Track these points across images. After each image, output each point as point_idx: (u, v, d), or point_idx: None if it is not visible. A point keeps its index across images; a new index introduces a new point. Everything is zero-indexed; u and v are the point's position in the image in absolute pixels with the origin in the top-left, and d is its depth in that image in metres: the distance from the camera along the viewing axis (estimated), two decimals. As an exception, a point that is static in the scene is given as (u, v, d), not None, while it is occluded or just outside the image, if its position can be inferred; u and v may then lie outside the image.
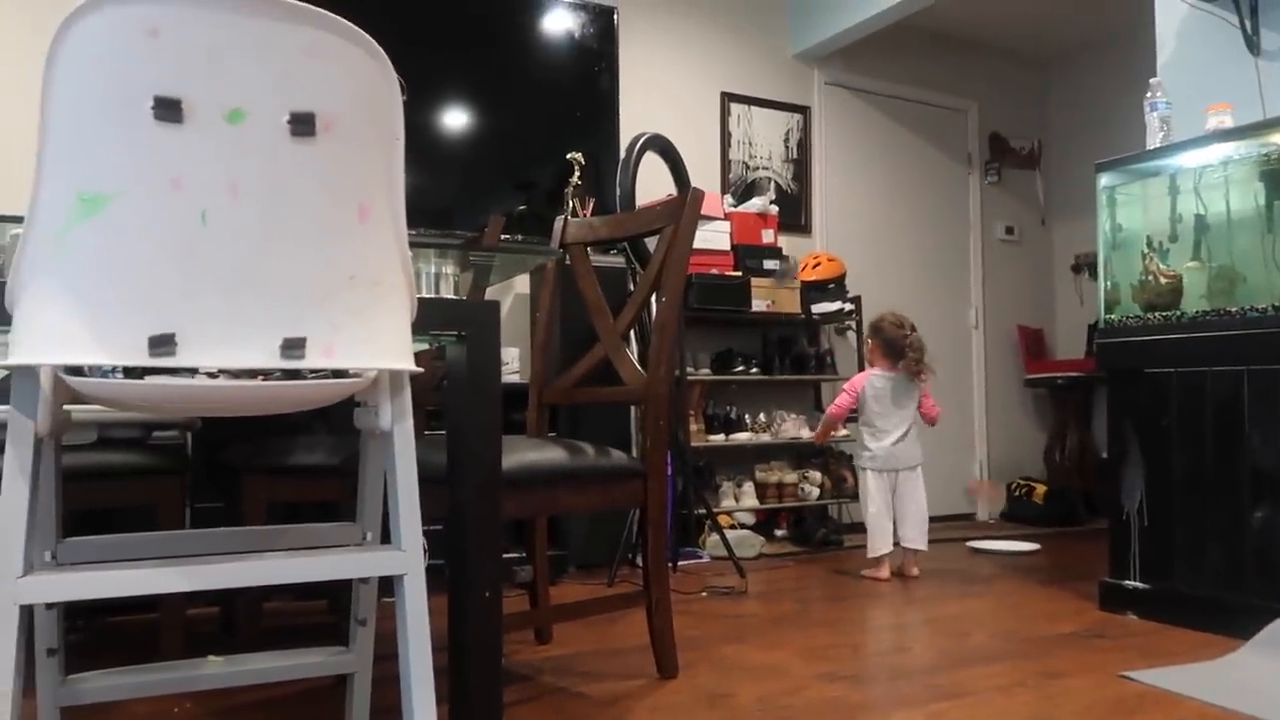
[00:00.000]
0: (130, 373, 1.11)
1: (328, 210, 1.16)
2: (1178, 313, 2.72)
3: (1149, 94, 2.89)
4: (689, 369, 4.04)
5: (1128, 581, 2.77)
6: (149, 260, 1.07)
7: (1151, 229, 2.83)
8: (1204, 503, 2.60)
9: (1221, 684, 2.05)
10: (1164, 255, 2.79)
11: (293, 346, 1.13)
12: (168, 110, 1.05)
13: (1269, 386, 2.46)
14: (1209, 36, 3.08)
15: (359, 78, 1.16)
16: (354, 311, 1.19)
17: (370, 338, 1.20)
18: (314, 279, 1.15)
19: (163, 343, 1.07)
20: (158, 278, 1.07)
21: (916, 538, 3.49)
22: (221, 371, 1.24)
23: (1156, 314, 2.78)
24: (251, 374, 1.20)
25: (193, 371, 1.15)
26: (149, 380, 1.10)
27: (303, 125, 1.12)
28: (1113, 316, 2.90)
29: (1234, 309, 2.58)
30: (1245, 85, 2.93)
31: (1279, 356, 2.44)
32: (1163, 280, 2.78)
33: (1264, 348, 2.47)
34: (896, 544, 3.50)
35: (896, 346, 3.57)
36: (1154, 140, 2.85)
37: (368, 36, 1.16)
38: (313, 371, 1.19)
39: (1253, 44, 2.96)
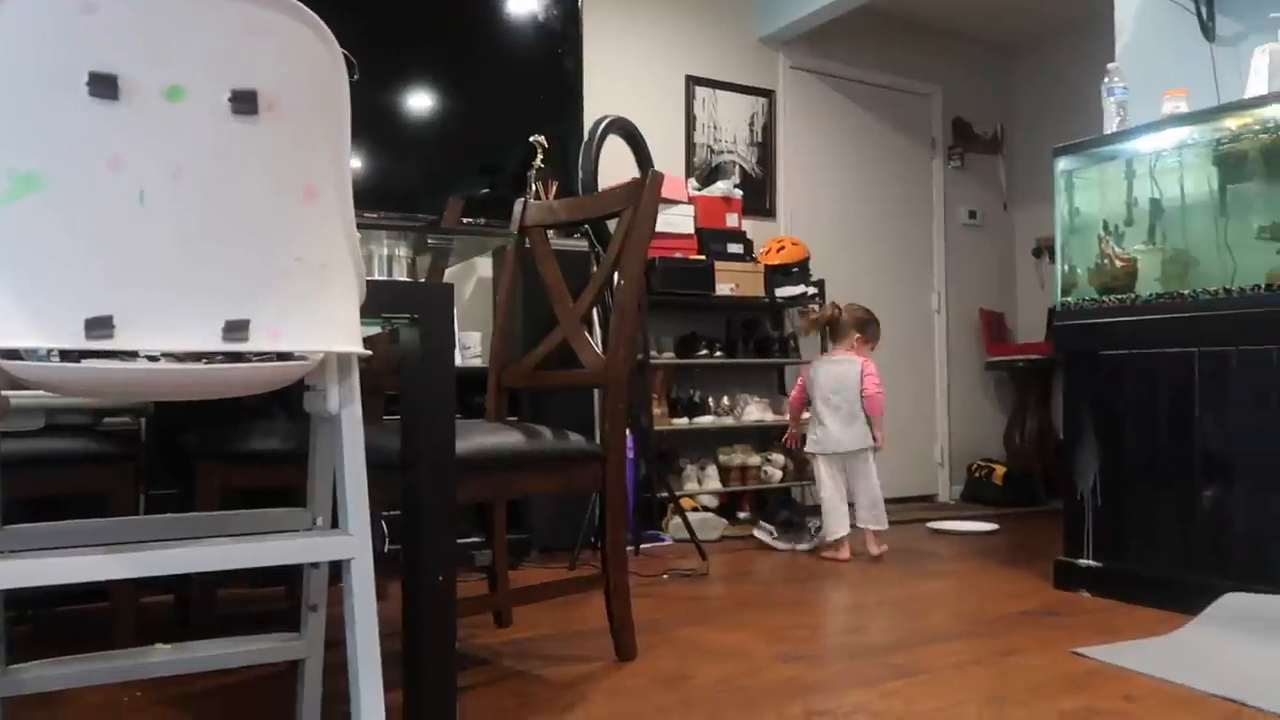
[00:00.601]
0: (68, 356, 1.09)
1: (272, 191, 1.14)
2: (1132, 295, 2.76)
3: (1106, 79, 2.91)
4: (653, 353, 4.04)
5: (1081, 560, 2.82)
6: (85, 241, 1.04)
7: (1108, 213, 2.87)
8: (1157, 483, 2.65)
9: (1170, 659, 2.09)
10: (1120, 239, 2.82)
11: (235, 329, 1.11)
12: (103, 87, 1.03)
13: (1219, 368, 2.50)
14: (1166, 23, 3.12)
15: (303, 56, 1.14)
16: (301, 294, 1.17)
17: (317, 320, 1.18)
18: (258, 261, 1.13)
19: (100, 325, 1.05)
20: (94, 259, 1.05)
21: (870, 519, 3.53)
22: (164, 355, 1.22)
23: (1112, 297, 2.81)
24: (196, 357, 1.18)
25: (133, 355, 1.13)
26: (86, 364, 1.08)
27: (244, 104, 1.09)
28: (1069, 299, 2.93)
29: (1186, 292, 2.62)
30: (1200, 71, 2.97)
31: (1229, 338, 2.48)
32: (1118, 263, 2.82)
33: (1214, 330, 2.52)
34: (855, 526, 3.53)
35: (834, 326, 3.67)
36: (1111, 125, 2.88)
37: (312, 14, 1.14)
38: (258, 354, 1.17)
39: (1208, 30, 2.99)
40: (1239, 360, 2.46)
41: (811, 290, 4.57)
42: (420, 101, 3.78)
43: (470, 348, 3.64)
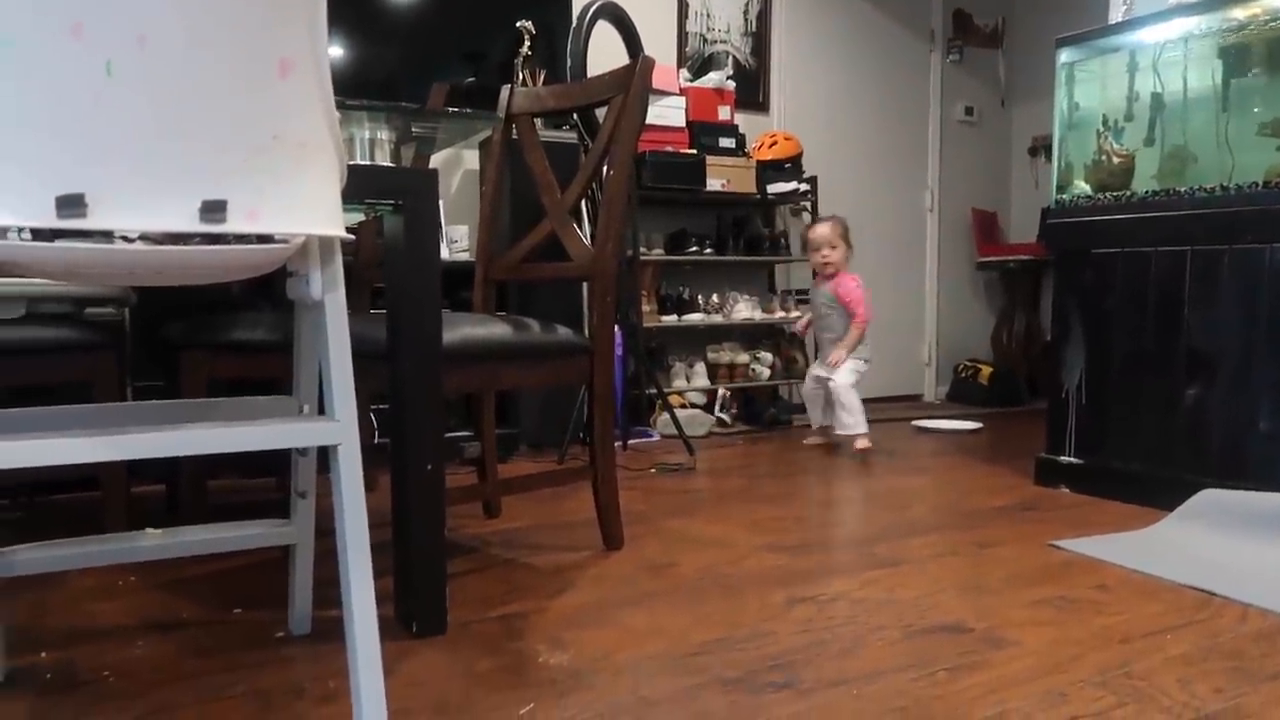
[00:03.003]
0: (40, 236, 1.06)
1: (245, 65, 1.09)
2: (1128, 193, 2.72)
3: (1114, -34, 2.81)
4: (642, 249, 4.00)
5: (1063, 457, 2.86)
6: (50, 115, 1.00)
7: (1108, 108, 2.81)
8: (1141, 381, 2.66)
9: (1143, 551, 2.14)
10: (1119, 135, 2.77)
11: (213, 209, 1.08)
12: (61, -53, 0.97)
13: (1210, 267, 2.49)
14: (1178, -93, 2.99)
15: (273, -83, 1.07)
16: (279, 174, 1.13)
17: (297, 202, 1.15)
18: (233, 138, 1.09)
19: (71, 204, 1.01)
20: (61, 134, 1.00)
21: (841, 428, 3.55)
22: (141, 237, 1.19)
23: (1107, 194, 2.78)
24: (173, 239, 1.15)
25: (109, 235, 1.09)
26: (59, 244, 1.05)
27: (213, -32, 1.03)
28: (1064, 197, 2.89)
29: (1182, 189, 2.59)
30: (1211, -41, 2.87)
31: (1222, 237, 2.46)
32: (1115, 160, 2.77)
33: (1208, 228, 2.49)
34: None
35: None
36: (1116, 15, 2.80)
37: None
38: (237, 236, 1.14)
39: (1221, -85, 2.87)
40: (1231, 259, 2.45)
41: (804, 187, 4.51)
42: (402, -17, 3.63)
43: (457, 241, 3.60)
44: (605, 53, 3.69)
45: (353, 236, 1.20)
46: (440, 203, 3.16)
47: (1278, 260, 2.30)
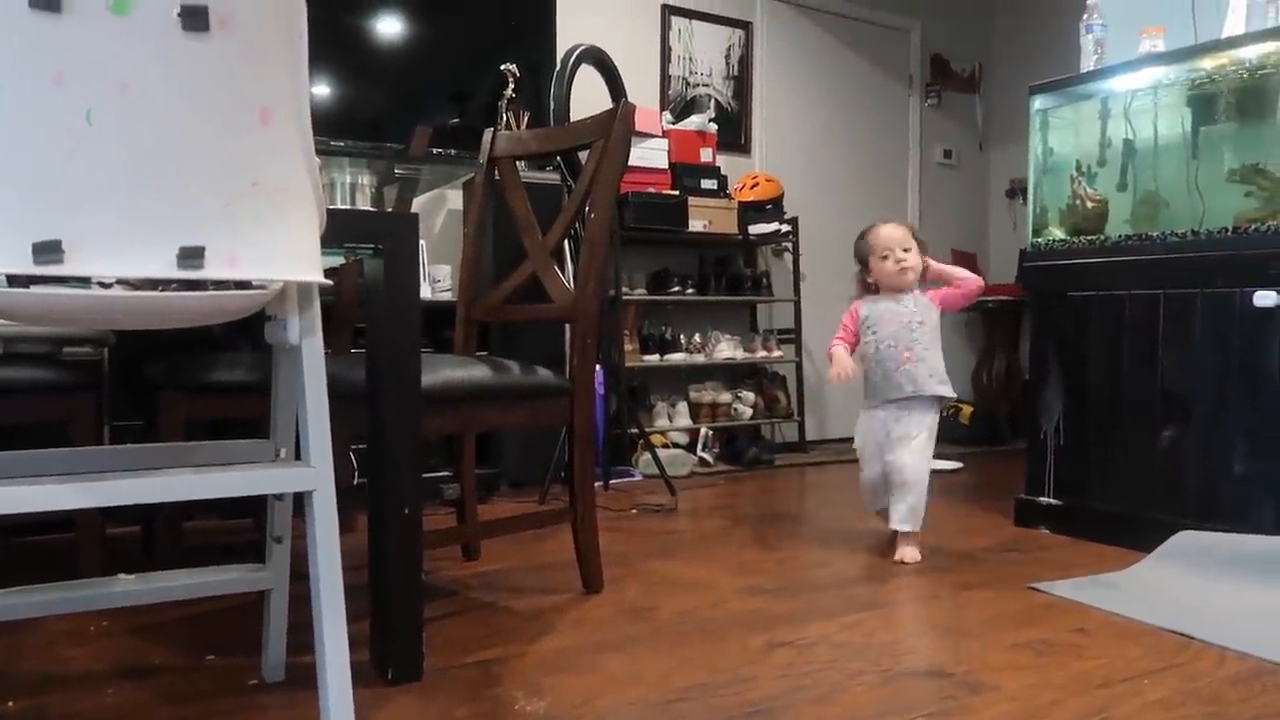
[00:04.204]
0: (15, 282, 1.06)
1: (226, 112, 1.10)
2: (1102, 237, 2.77)
3: (1085, 15, 2.88)
4: (624, 289, 4.02)
5: (1042, 498, 2.87)
6: (30, 161, 1.00)
7: (1081, 153, 2.86)
8: (1118, 423, 2.69)
9: (1123, 594, 2.15)
10: (1092, 179, 2.82)
11: (191, 256, 1.08)
12: (45, -2, 0.98)
13: (1183, 310, 2.53)
14: (1147, -41, 3.07)
15: (256, -30, 1.09)
16: (259, 220, 1.14)
17: (276, 248, 1.15)
18: (213, 185, 1.10)
19: (48, 250, 1.01)
20: (40, 180, 1.01)
21: (901, 521, 2.52)
22: (119, 282, 1.19)
23: (1082, 238, 2.82)
24: (151, 285, 1.15)
25: (85, 281, 1.10)
26: (35, 290, 1.05)
27: (195, 19, 1.05)
28: (1040, 240, 2.93)
29: (1155, 234, 2.63)
30: (1179, 9, 2.93)
31: (1193, 281, 2.50)
32: (1089, 204, 2.82)
33: (1180, 272, 2.53)
34: None
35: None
36: (1088, 63, 2.86)
37: (266, -75, 1.09)
38: (215, 283, 1.15)
39: (1189, -32, 2.95)
40: (1203, 303, 2.48)
41: (785, 228, 4.55)
42: (387, 25, 3.68)
43: (440, 281, 3.60)
44: (589, 95, 3.73)
45: (330, 283, 1.21)
46: (423, 243, 3.17)
47: (1248, 304, 2.34)
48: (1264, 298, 2.30)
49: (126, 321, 1.20)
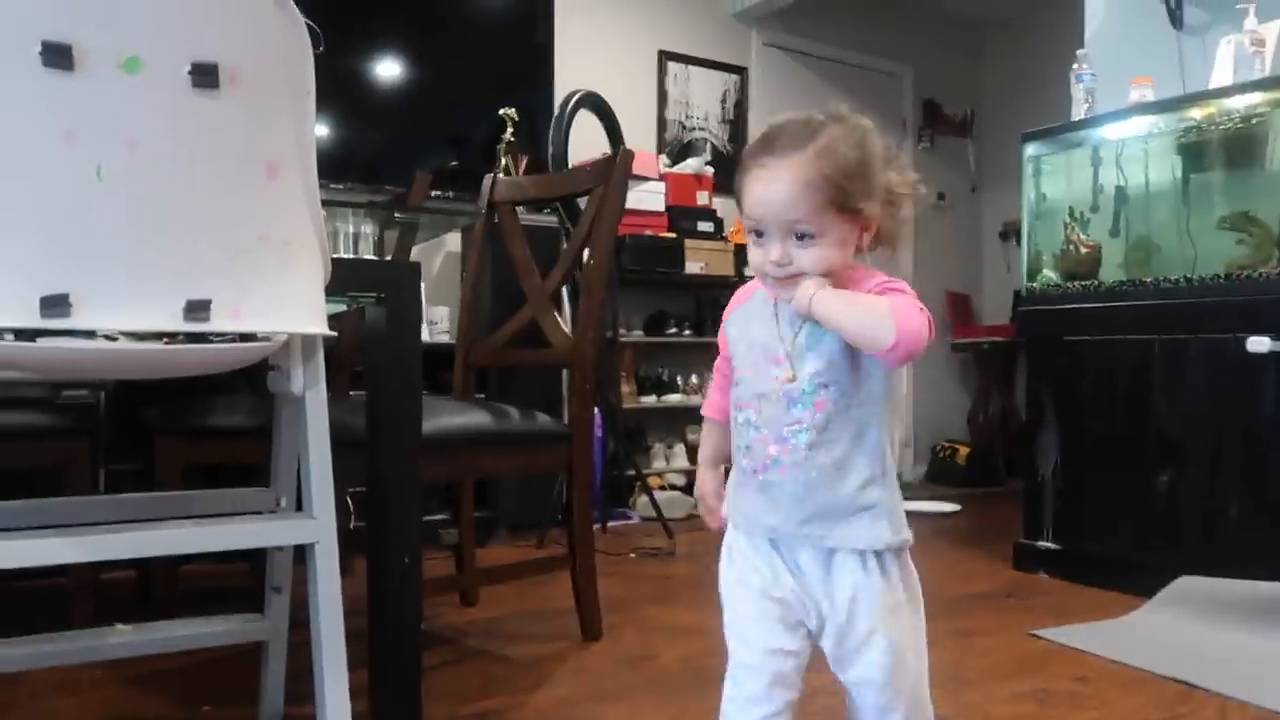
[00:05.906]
0: (22, 335, 1.06)
1: (234, 167, 1.12)
2: (1096, 282, 2.79)
3: (1075, 66, 2.93)
4: (621, 330, 4.03)
5: (1040, 542, 2.87)
6: (40, 217, 1.01)
7: (1074, 199, 2.89)
8: (1115, 467, 2.69)
9: (1124, 640, 2.14)
10: (1085, 225, 2.85)
11: (196, 309, 1.09)
12: (57, 57, 0.99)
13: (1177, 355, 2.54)
14: (1135, 10, 3.13)
15: (266, 28, 1.11)
16: (264, 273, 1.15)
17: (280, 300, 1.16)
18: (219, 239, 1.11)
19: (56, 304, 1.02)
20: (49, 235, 1.02)
21: None
22: (123, 334, 1.19)
23: (1076, 283, 2.84)
24: (156, 337, 1.15)
25: (91, 334, 1.10)
26: (42, 343, 1.05)
27: (205, 76, 1.06)
28: (1035, 284, 2.96)
29: (1148, 280, 2.65)
30: (1168, 60, 2.99)
31: (1187, 327, 2.52)
32: (1083, 250, 2.85)
33: (1174, 318, 2.55)
34: None
35: None
36: (1079, 111, 2.90)
37: (276, -16, 1.11)
38: (219, 335, 1.15)
39: (1176, 19, 3.01)
40: (1195, 348, 2.50)
41: (781, 270, 4.57)
42: (388, 70, 3.72)
43: (438, 323, 3.61)
44: (587, 139, 3.77)
45: (335, 334, 1.21)
46: (421, 285, 3.19)
47: (1242, 350, 2.35)
48: (1257, 343, 2.32)
49: (130, 373, 1.20)
